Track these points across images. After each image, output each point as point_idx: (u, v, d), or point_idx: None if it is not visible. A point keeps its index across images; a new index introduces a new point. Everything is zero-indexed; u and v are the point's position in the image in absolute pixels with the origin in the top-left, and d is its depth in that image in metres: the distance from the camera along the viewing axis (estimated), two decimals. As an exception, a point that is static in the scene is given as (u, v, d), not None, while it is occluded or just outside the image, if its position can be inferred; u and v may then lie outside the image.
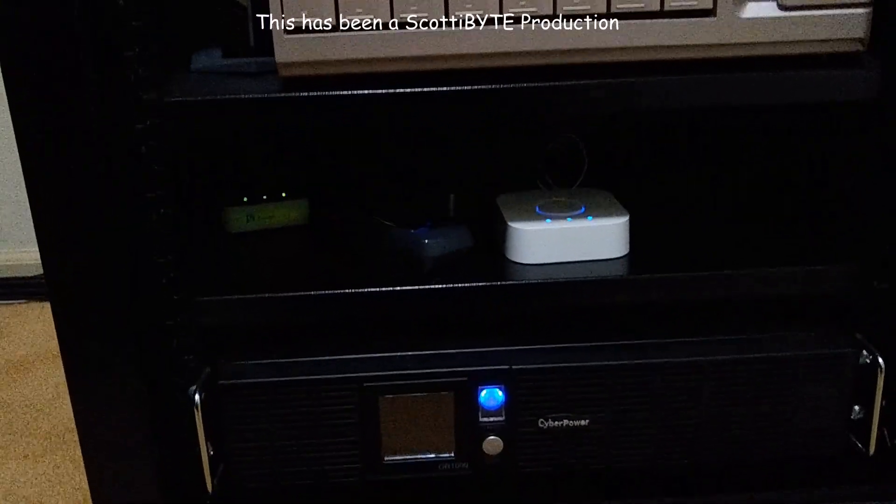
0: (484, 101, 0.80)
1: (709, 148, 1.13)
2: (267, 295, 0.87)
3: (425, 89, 0.79)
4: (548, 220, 0.92)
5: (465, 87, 0.79)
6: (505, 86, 0.79)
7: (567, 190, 1.04)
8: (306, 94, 0.79)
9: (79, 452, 0.87)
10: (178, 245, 0.85)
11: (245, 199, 1.04)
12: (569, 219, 0.92)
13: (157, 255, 0.85)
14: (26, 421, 1.34)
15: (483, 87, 0.79)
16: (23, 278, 1.78)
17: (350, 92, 0.79)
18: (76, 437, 0.87)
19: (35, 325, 1.67)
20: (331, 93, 0.79)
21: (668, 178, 1.13)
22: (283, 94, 0.79)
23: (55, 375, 1.46)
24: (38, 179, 0.78)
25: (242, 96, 0.79)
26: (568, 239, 0.91)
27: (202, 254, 0.94)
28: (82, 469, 0.88)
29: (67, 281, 0.81)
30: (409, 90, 0.79)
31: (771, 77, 0.81)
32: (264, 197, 1.04)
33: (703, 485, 0.94)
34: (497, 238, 0.95)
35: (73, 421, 0.86)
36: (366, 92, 0.79)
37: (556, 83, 0.79)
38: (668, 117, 1.11)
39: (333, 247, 1.01)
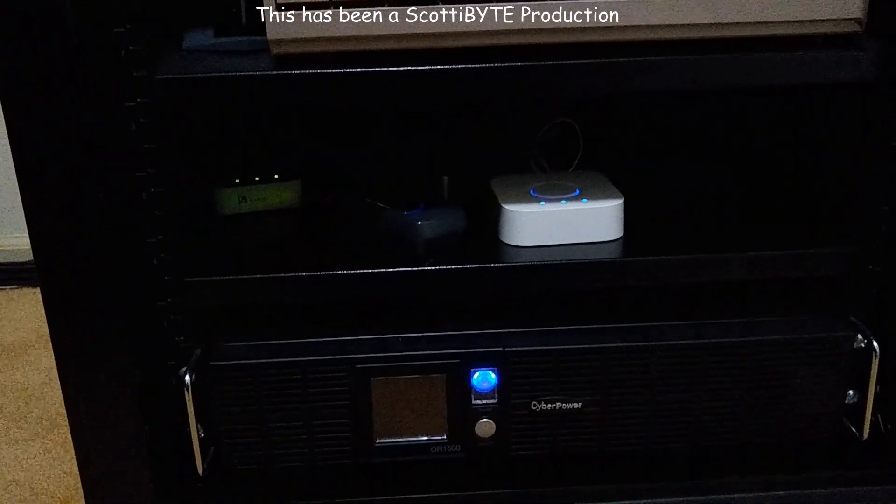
0: (479, 80, 0.79)
1: (705, 131, 1.12)
2: (258, 276, 0.87)
3: (419, 67, 0.78)
4: (542, 203, 0.91)
5: (460, 66, 0.78)
6: (500, 64, 0.79)
7: (562, 173, 1.03)
8: (298, 71, 0.78)
9: (70, 437, 0.86)
10: (170, 225, 0.85)
11: (237, 180, 1.03)
12: (563, 201, 0.91)
13: (148, 235, 0.84)
14: (18, 406, 1.33)
15: (478, 65, 0.79)
16: (15, 264, 1.78)
17: (342, 70, 0.78)
18: (68, 422, 0.86)
19: (27, 310, 1.66)
20: (322, 70, 0.78)
21: (664, 161, 1.13)
22: (274, 72, 0.78)
23: (47, 361, 1.45)
24: (28, 160, 0.77)
25: (233, 73, 0.79)
26: (562, 221, 0.90)
27: (193, 235, 0.93)
28: (73, 453, 0.87)
29: (57, 259, 0.80)
30: (402, 68, 0.78)
31: (767, 58, 0.80)
32: (256, 178, 1.03)
33: (696, 468, 0.93)
34: (491, 221, 0.94)
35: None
36: (358, 70, 0.78)
37: (551, 62, 0.79)
38: (663, 100, 1.10)
39: (326, 228, 1.01)
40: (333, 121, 1.09)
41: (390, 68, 0.78)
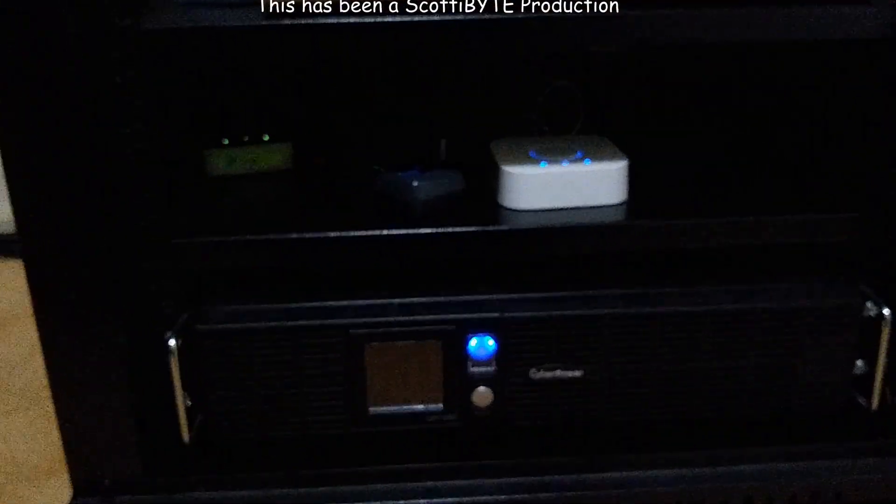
0: (480, 31, 0.76)
1: (710, 94, 1.09)
2: (248, 237, 0.84)
3: (416, 18, 0.75)
4: (543, 164, 0.88)
5: (460, 16, 0.75)
6: (501, 15, 0.76)
7: (564, 136, 1.00)
8: (289, 21, 0.75)
9: (53, 409, 0.84)
10: (156, 184, 0.82)
11: (226, 141, 1.00)
12: (565, 163, 0.88)
13: (134, 194, 0.81)
14: (0, 378, 1.30)
15: (480, 15, 0.76)
16: (-2, 235, 1.75)
17: (335, 20, 0.75)
18: (50, 392, 0.83)
19: (11, 282, 1.64)
20: (314, 21, 0.75)
21: (669, 125, 1.10)
22: (264, 22, 0.75)
23: (30, 333, 1.40)
24: (7, 119, 0.74)
25: (222, 24, 0.75)
26: (564, 183, 0.87)
27: (181, 196, 0.90)
28: (57, 425, 0.85)
29: (40, 220, 0.77)
30: (398, 19, 0.75)
31: (776, 12, 0.77)
32: (246, 139, 1.00)
33: (700, 439, 0.91)
34: (490, 184, 0.91)
35: (47, 375, 0.83)
36: (351, 21, 0.75)
37: (553, 13, 0.76)
38: (666, 63, 1.07)
39: (318, 191, 0.97)
40: (327, 80, 1.06)
41: (385, 19, 0.75)
